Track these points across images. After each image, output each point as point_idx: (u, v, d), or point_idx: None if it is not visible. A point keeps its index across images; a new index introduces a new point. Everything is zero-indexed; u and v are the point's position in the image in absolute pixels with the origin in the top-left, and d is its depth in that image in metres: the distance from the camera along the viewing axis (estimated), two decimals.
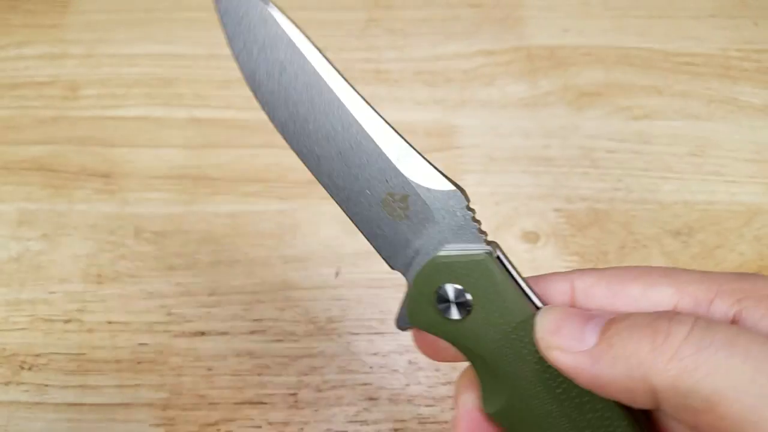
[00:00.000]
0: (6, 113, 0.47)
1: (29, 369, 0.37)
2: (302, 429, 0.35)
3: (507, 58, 0.49)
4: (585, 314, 0.19)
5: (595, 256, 0.39)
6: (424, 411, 0.35)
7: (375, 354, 0.37)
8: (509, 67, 0.48)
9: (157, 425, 0.35)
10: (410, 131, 0.45)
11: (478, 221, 0.21)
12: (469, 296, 0.21)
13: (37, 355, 0.37)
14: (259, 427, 0.35)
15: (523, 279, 0.21)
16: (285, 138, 0.22)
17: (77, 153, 0.44)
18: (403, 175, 0.21)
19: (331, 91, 0.21)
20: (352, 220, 0.22)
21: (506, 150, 0.44)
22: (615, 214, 0.41)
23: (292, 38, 0.21)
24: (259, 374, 0.36)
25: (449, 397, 0.35)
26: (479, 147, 0.44)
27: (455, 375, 0.36)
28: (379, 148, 0.21)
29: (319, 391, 0.36)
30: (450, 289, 0.21)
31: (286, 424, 0.35)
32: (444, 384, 0.36)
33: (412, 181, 0.21)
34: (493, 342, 0.21)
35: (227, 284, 0.39)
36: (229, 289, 0.39)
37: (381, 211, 0.22)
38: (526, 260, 0.39)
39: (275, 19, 0.21)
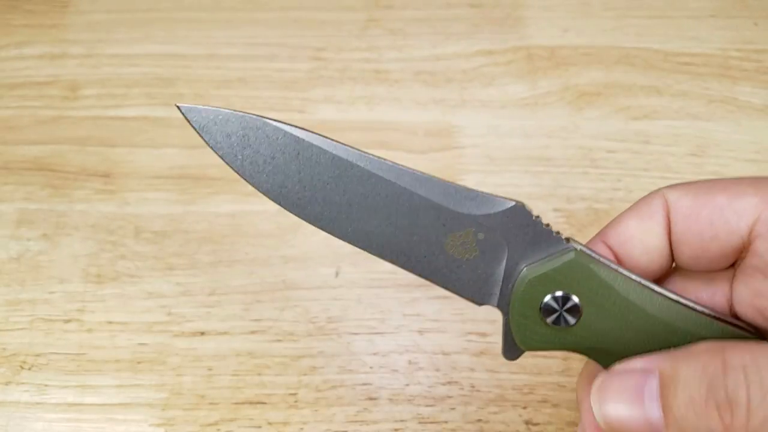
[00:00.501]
0: (6, 113, 0.47)
1: (29, 369, 0.37)
2: (302, 429, 0.35)
3: (507, 58, 0.49)
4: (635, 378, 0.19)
5: None
6: (424, 411, 0.35)
7: (375, 354, 0.37)
8: (509, 67, 0.48)
9: (157, 425, 0.35)
10: (410, 131, 0.45)
11: (548, 225, 0.21)
12: (575, 298, 0.20)
13: (37, 355, 0.37)
14: (259, 427, 0.35)
15: (611, 261, 0.21)
16: (329, 230, 0.21)
17: (77, 153, 0.44)
18: (456, 212, 0.21)
19: (355, 165, 0.21)
20: (424, 278, 0.21)
21: (506, 150, 0.44)
22: (615, 213, 0.41)
23: (291, 132, 0.21)
24: (259, 374, 0.36)
25: (449, 397, 0.35)
26: (479, 147, 0.44)
27: (455, 375, 0.36)
28: (423, 197, 0.21)
29: (319, 391, 0.36)
30: (554, 300, 0.21)
31: (285, 424, 0.35)
32: (444, 384, 0.36)
33: (469, 215, 0.21)
34: (616, 329, 0.20)
35: (227, 284, 0.39)
36: (229, 289, 0.39)
37: (449, 256, 0.21)
38: None
39: (263, 122, 0.20)
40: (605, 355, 0.21)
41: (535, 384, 0.36)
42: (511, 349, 0.22)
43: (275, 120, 0.21)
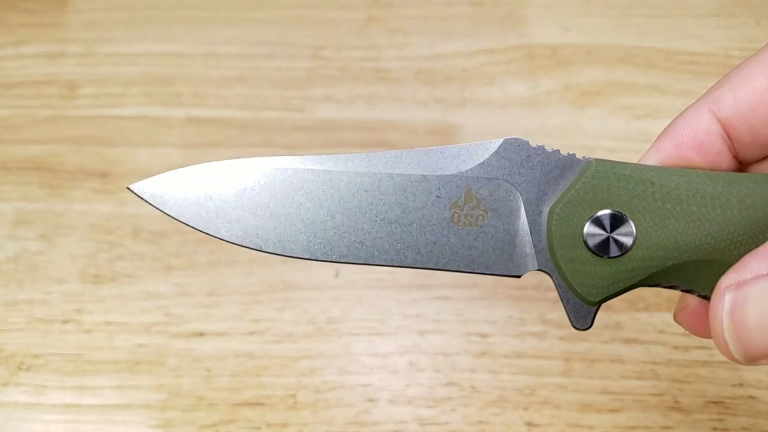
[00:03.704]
0: (4, 112, 0.46)
1: (27, 370, 0.36)
2: (301, 430, 0.35)
3: (508, 56, 0.48)
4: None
5: None
6: (425, 412, 0.35)
7: (375, 355, 0.37)
8: (510, 66, 0.48)
9: (156, 426, 0.35)
10: (410, 130, 0.45)
11: (555, 149, 0.18)
12: (617, 212, 0.17)
13: (35, 356, 0.37)
14: (258, 428, 0.35)
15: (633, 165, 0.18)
16: (318, 255, 0.19)
17: (75, 152, 0.44)
18: (445, 176, 0.18)
19: (320, 171, 0.18)
20: (446, 270, 0.18)
21: None
22: None
23: (261, 165, 0.18)
24: (258, 375, 0.36)
25: (450, 398, 0.35)
26: None
27: (456, 376, 0.36)
28: (403, 175, 0.18)
29: (319, 392, 0.36)
30: (595, 224, 0.17)
31: (285, 425, 0.35)
32: (444, 385, 0.36)
33: (459, 173, 0.18)
34: (681, 232, 0.17)
35: (226, 284, 0.39)
36: (227, 289, 0.39)
37: (460, 231, 0.18)
38: None
39: (230, 168, 0.18)
40: (684, 273, 0.18)
41: (536, 385, 0.35)
42: (579, 313, 0.18)
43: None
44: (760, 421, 0.34)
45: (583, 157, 0.18)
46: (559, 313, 0.37)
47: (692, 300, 0.20)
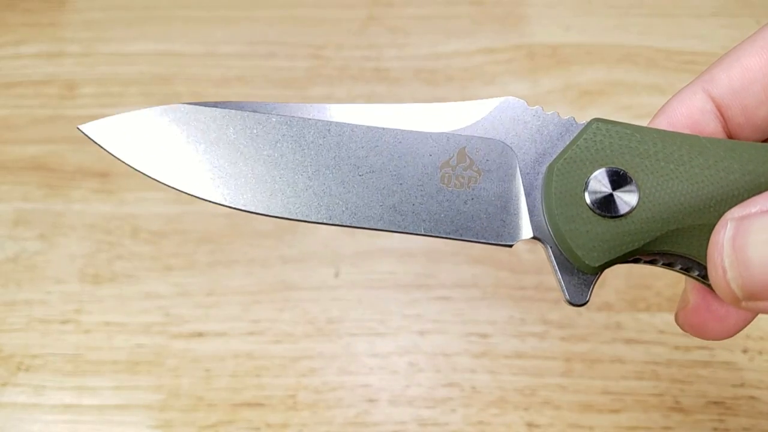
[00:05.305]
0: (3, 112, 0.46)
1: (26, 370, 0.36)
2: (301, 431, 0.34)
3: (508, 56, 0.48)
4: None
5: None
6: (425, 413, 0.35)
7: (375, 355, 0.36)
8: (510, 66, 0.48)
9: (155, 427, 0.35)
10: None
11: (553, 112, 0.17)
12: (620, 169, 0.16)
13: (34, 356, 0.37)
14: (258, 429, 0.35)
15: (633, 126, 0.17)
16: (313, 218, 0.17)
17: (74, 152, 0.44)
18: (439, 134, 0.17)
19: (310, 121, 0.17)
20: (432, 236, 0.17)
21: None
22: None
23: (239, 114, 0.17)
24: (257, 375, 0.36)
25: (450, 398, 0.35)
26: None
27: (456, 377, 0.36)
28: (396, 129, 0.17)
29: (318, 392, 0.35)
30: (598, 180, 0.16)
31: (284, 426, 0.35)
32: (444, 386, 0.36)
33: (454, 132, 0.17)
34: (685, 193, 0.16)
35: (225, 285, 0.39)
36: (227, 289, 0.39)
37: (451, 193, 0.17)
38: (528, 261, 0.39)
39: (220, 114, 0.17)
40: (687, 239, 0.17)
41: (536, 386, 0.35)
42: (576, 285, 0.17)
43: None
44: (760, 421, 0.34)
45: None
46: (560, 314, 0.37)
47: (693, 296, 0.20)
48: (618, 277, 0.38)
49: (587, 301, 0.17)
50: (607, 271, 0.17)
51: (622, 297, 0.37)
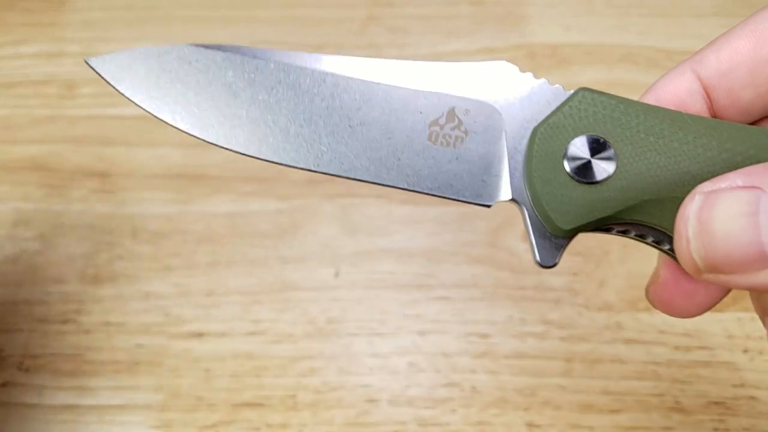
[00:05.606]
0: (2, 112, 0.46)
1: (26, 370, 0.36)
2: (301, 431, 0.34)
3: (508, 56, 0.48)
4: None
5: (598, 256, 0.39)
6: (425, 413, 0.35)
7: (375, 355, 0.36)
8: None
9: (155, 427, 0.35)
10: None
11: (543, 79, 0.18)
12: (600, 138, 0.17)
13: (34, 357, 0.37)
14: (258, 429, 0.35)
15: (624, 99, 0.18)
16: (302, 165, 0.18)
17: (74, 152, 0.44)
18: (431, 92, 0.17)
19: (305, 69, 0.18)
20: (413, 191, 0.17)
21: None
22: None
23: (239, 58, 0.18)
24: (257, 376, 0.36)
25: (450, 399, 0.35)
26: None
27: (456, 377, 0.36)
28: (389, 85, 0.17)
29: (318, 392, 0.35)
30: (577, 147, 0.17)
31: (284, 426, 0.35)
32: (444, 386, 0.36)
33: (446, 92, 0.17)
34: (661, 167, 0.17)
35: (225, 285, 0.39)
36: (227, 289, 0.39)
37: (437, 151, 0.17)
38: (528, 261, 0.39)
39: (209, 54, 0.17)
40: (660, 211, 0.17)
41: (536, 386, 0.35)
42: (547, 248, 0.18)
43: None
44: (761, 421, 0.34)
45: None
46: (560, 314, 0.37)
47: (663, 271, 0.20)
48: (618, 277, 0.38)
49: (556, 263, 0.18)
50: (607, 271, 0.18)
51: (623, 297, 0.37)
